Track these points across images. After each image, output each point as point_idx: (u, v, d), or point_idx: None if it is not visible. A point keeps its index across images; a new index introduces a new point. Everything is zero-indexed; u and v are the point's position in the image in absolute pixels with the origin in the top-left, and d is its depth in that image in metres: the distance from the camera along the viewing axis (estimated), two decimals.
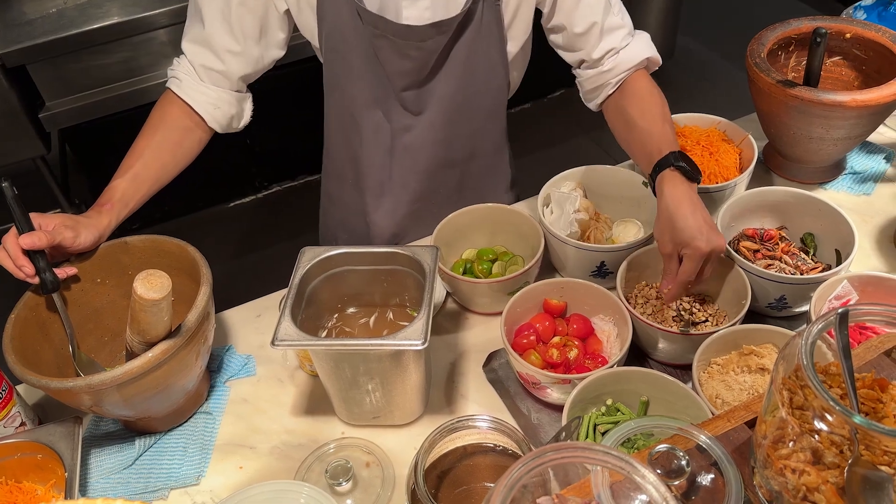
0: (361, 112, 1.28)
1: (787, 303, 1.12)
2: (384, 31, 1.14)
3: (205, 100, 1.20)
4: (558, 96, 3.49)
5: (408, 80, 1.22)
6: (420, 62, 1.19)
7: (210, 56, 1.18)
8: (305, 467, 1.04)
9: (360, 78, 1.23)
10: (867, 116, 1.20)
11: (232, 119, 1.26)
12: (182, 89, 1.19)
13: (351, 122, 1.30)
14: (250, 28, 1.17)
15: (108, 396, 0.95)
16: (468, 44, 1.18)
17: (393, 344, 0.93)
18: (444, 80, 1.22)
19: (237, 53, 1.18)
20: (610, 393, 1.01)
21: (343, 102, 1.29)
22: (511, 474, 0.57)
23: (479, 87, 1.25)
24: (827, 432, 0.62)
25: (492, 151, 1.39)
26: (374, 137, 1.30)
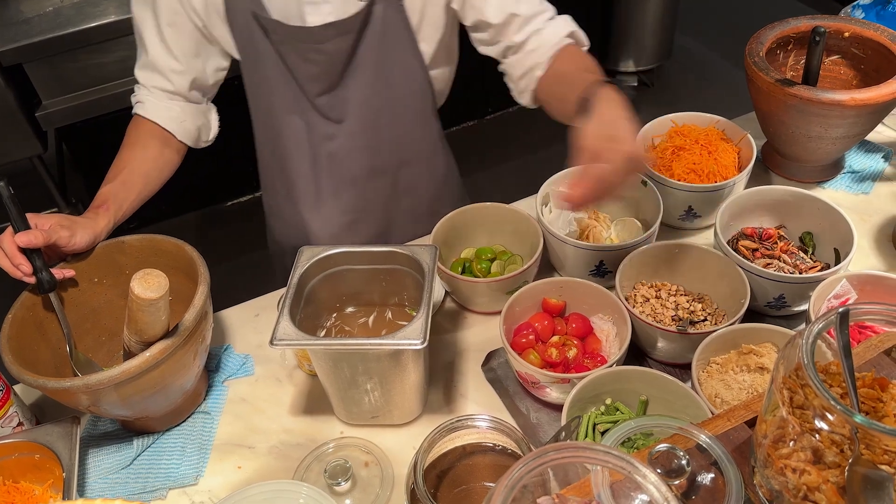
0: (282, 121, 1.28)
1: (786, 302, 1.12)
2: (283, 37, 1.15)
3: (169, 115, 1.24)
4: None
5: (319, 85, 1.21)
6: (325, 66, 1.18)
7: (159, 78, 1.22)
8: (304, 467, 1.03)
9: (276, 86, 1.23)
10: (866, 115, 1.20)
11: (200, 131, 1.29)
12: (146, 111, 1.24)
13: (274, 132, 1.30)
14: (185, 46, 1.20)
15: (106, 396, 0.95)
16: (374, 46, 1.17)
17: (392, 343, 0.93)
18: (358, 85, 1.21)
19: (181, 72, 1.22)
20: (609, 392, 1.01)
21: (264, 112, 1.29)
22: (512, 474, 0.56)
23: (397, 91, 1.24)
24: (827, 431, 0.62)
25: (426, 157, 1.38)
26: (298, 147, 1.30)
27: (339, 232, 1.39)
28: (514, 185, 1.39)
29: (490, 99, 3.33)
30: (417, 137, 1.34)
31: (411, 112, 1.29)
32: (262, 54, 1.19)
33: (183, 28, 1.18)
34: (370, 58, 1.18)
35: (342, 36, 1.14)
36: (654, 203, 1.22)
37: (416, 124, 1.32)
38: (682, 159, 1.29)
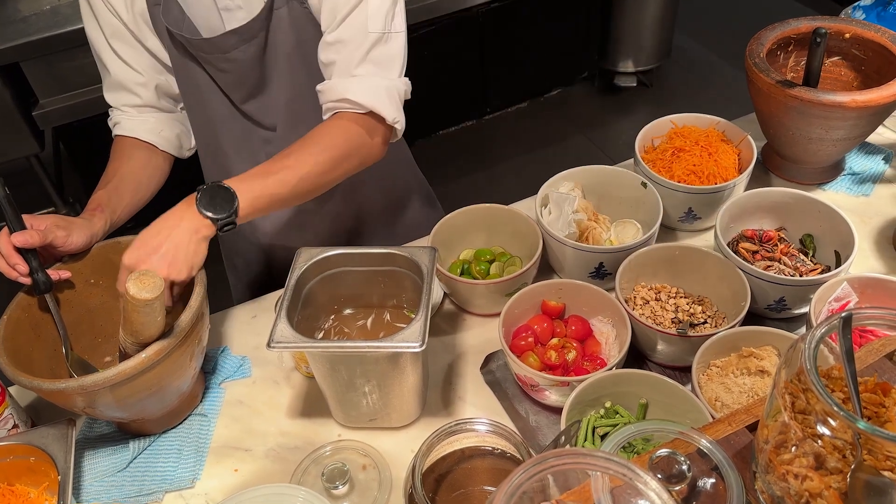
0: (219, 128, 1.26)
1: (787, 304, 1.11)
2: (195, 50, 1.14)
3: (147, 128, 1.23)
4: (555, 95, 3.49)
5: (240, 92, 1.20)
6: (239, 74, 1.16)
7: (127, 95, 1.22)
8: (301, 470, 1.03)
9: (207, 95, 1.21)
10: (867, 117, 1.20)
11: (180, 138, 1.29)
12: (123, 129, 1.23)
13: (213, 139, 1.29)
14: (141, 58, 1.19)
15: (102, 398, 0.94)
16: (286, 49, 1.15)
17: (390, 346, 0.92)
18: (280, 89, 1.19)
19: (144, 83, 1.21)
20: (609, 395, 1.00)
21: (201, 121, 1.28)
22: (512, 480, 0.56)
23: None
24: (830, 437, 0.61)
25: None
26: (238, 154, 1.28)
27: (289, 231, 1.36)
28: (513, 186, 1.38)
29: (489, 99, 3.33)
30: None
31: None
32: (189, 65, 1.18)
33: (127, 41, 1.17)
34: (284, 61, 1.16)
35: (247, 43, 1.12)
36: (654, 205, 1.21)
37: None
38: (682, 161, 1.29)
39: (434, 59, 2.90)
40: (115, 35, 1.16)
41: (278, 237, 1.38)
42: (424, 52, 2.86)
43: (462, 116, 3.35)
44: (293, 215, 1.35)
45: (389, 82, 1.11)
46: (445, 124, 3.31)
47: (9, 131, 2.27)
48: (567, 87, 3.52)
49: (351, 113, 1.10)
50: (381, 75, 1.10)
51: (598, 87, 3.50)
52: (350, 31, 1.08)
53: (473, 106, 3.34)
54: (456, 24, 2.84)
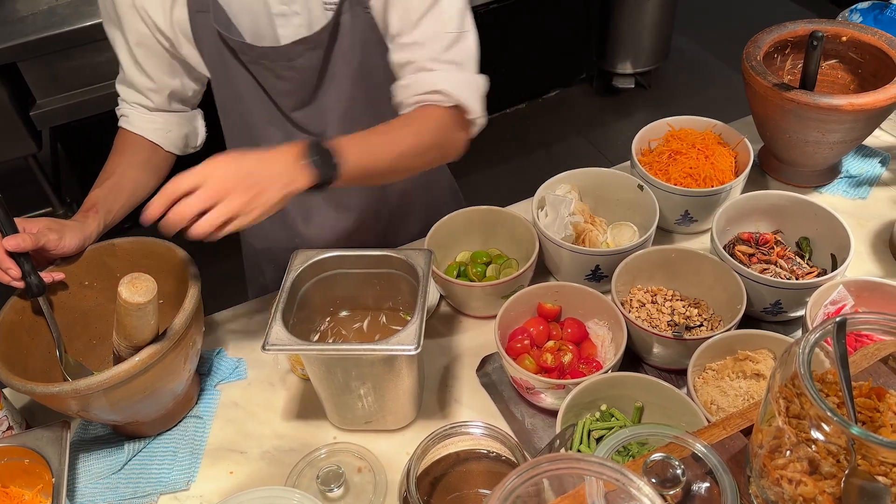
0: (260, 133, 1.25)
1: (783, 307, 1.11)
2: (252, 57, 1.12)
3: (153, 127, 1.23)
4: (553, 97, 3.49)
5: (292, 100, 1.19)
6: (298, 81, 1.15)
7: (137, 95, 1.21)
8: (297, 473, 1.02)
9: (251, 102, 1.20)
10: (863, 120, 1.20)
11: (187, 138, 1.28)
12: (131, 124, 1.22)
13: (253, 143, 1.27)
14: (157, 65, 1.18)
15: (95, 401, 0.94)
16: (346, 57, 1.14)
17: (386, 349, 0.92)
18: (334, 97, 1.18)
19: (157, 90, 1.20)
20: (604, 398, 1.00)
21: (238, 126, 1.27)
22: (506, 485, 0.56)
23: (376, 100, 1.19)
24: (824, 442, 0.61)
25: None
26: None
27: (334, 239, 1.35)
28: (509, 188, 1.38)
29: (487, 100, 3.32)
30: None
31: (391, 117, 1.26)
32: (232, 72, 1.17)
33: (152, 48, 1.15)
34: (344, 69, 1.15)
35: (312, 51, 1.11)
36: (651, 207, 1.21)
37: None
38: (679, 163, 1.29)
39: None
40: (140, 43, 1.14)
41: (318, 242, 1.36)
42: None
43: None
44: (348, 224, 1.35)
45: (472, 78, 1.11)
46: None
47: (6, 131, 2.26)
48: (565, 89, 3.52)
49: (438, 106, 1.08)
50: (464, 71, 1.10)
51: (596, 88, 3.50)
52: (427, 33, 1.07)
53: None
54: None
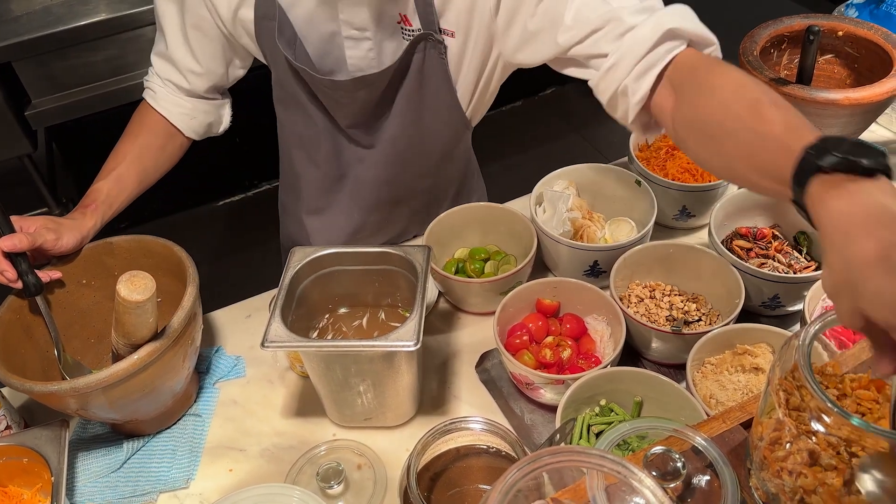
0: (311, 139, 1.24)
1: (781, 301, 1.11)
2: (310, 81, 1.11)
3: (180, 111, 1.21)
4: (549, 94, 3.49)
5: (350, 120, 1.18)
6: (356, 108, 1.15)
7: (176, 74, 1.19)
8: (296, 470, 1.02)
9: (308, 110, 1.19)
10: (860, 114, 1.20)
11: (210, 126, 1.27)
12: (157, 101, 1.20)
13: (300, 144, 1.28)
14: (210, 50, 1.16)
15: (94, 399, 0.94)
16: (409, 94, 1.13)
17: (385, 345, 0.92)
18: (391, 125, 1.18)
19: (200, 74, 1.18)
20: (604, 393, 1.00)
21: (293, 125, 1.26)
22: (507, 479, 0.56)
23: (428, 130, 1.19)
24: (824, 434, 0.61)
25: (448, 183, 1.35)
26: (326, 164, 1.27)
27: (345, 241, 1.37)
28: (508, 184, 1.37)
29: None
30: (443, 169, 1.31)
31: (441, 148, 1.26)
32: (292, 81, 1.15)
33: (209, 33, 1.13)
34: (404, 102, 1.14)
35: (373, 86, 1.10)
36: (649, 203, 1.21)
37: (445, 158, 1.29)
38: (677, 159, 1.29)
39: None
40: (197, 27, 1.12)
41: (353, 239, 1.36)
42: None
43: None
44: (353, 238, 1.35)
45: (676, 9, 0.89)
46: None
47: (1, 131, 2.26)
48: (561, 86, 3.51)
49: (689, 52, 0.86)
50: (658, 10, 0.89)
51: None
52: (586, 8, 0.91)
53: None
54: None
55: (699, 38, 0.88)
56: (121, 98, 2.28)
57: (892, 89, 1.17)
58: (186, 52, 1.16)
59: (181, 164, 1.30)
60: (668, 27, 0.85)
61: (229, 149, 2.88)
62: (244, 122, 1.78)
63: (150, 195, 1.24)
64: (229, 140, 1.40)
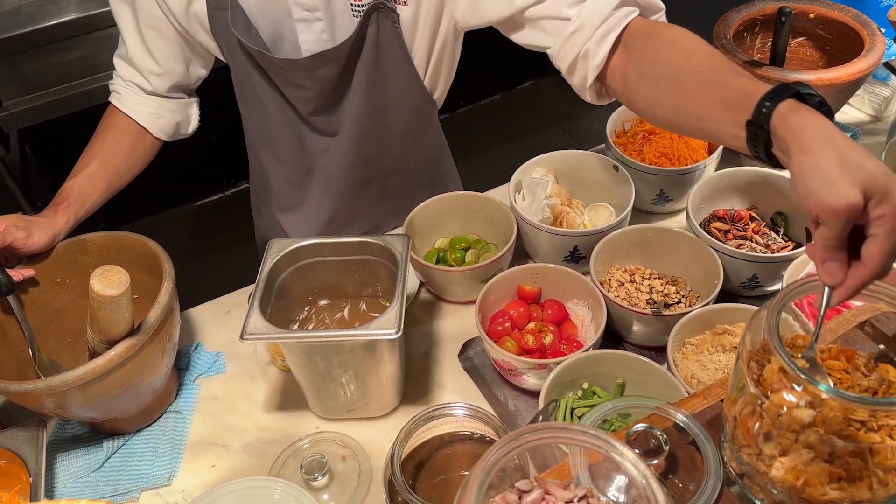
0: (274, 135, 1.23)
1: (759, 282, 1.12)
2: (270, 66, 1.11)
3: (146, 111, 1.20)
4: (527, 87, 3.49)
5: (311, 105, 1.17)
6: (316, 90, 1.14)
7: (136, 75, 1.19)
8: (280, 463, 1.01)
9: (267, 104, 1.19)
10: (833, 95, 1.21)
11: (178, 126, 1.26)
12: (122, 103, 1.20)
13: (262, 141, 1.27)
14: (168, 50, 1.16)
15: (72, 398, 0.92)
16: (367, 66, 1.12)
17: (366, 334, 0.91)
18: (351, 103, 1.17)
19: (160, 74, 1.18)
20: (586, 376, 1.00)
21: (255, 122, 1.25)
22: (489, 457, 0.55)
23: (391, 106, 1.19)
24: (793, 402, 0.62)
25: (419, 164, 1.34)
26: (291, 159, 1.26)
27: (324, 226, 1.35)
28: (487, 177, 1.37)
29: (462, 91, 3.32)
30: (411, 147, 1.30)
31: (405, 125, 1.25)
32: (250, 72, 1.14)
33: (165, 32, 1.13)
34: (363, 78, 1.13)
35: (332, 63, 1.10)
36: (626, 188, 1.21)
37: (411, 135, 1.28)
38: (653, 144, 1.29)
39: None
40: (151, 26, 1.12)
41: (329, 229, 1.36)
42: None
43: None
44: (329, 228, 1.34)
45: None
46: None
47: None
48: (539, 79, 3.52)
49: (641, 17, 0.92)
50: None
51: None
52: None
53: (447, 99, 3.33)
54: None
55: (649, 4, 0.94)
56: (95, 98, 2.24)
57: (864, 69, 1.18)
58: (145, 54, 1.16)
59: (159, 165, 1.29)
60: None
61: (207, 149, 2.86)
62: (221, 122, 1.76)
63: (128, 196, 1.23)
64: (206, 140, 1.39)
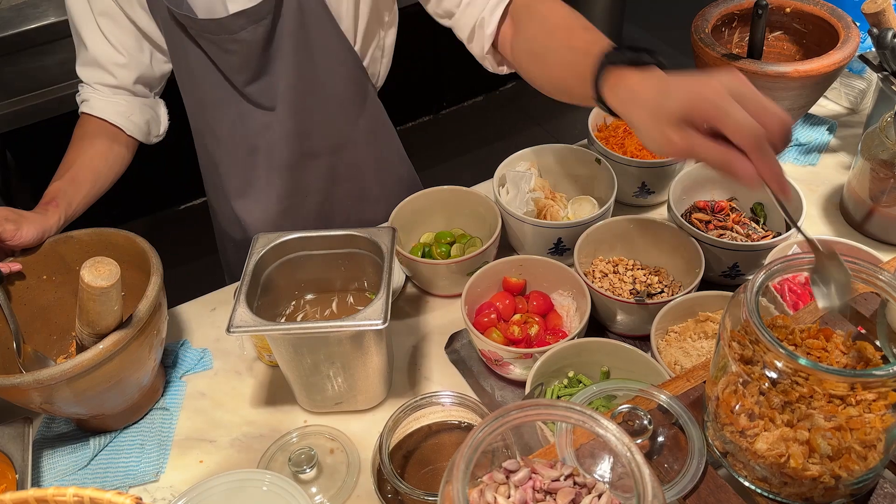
0: (214, 112, 1.24)
1: (741, 270, 1.14)
2: (198, 30, 1.12)
3: (116, 110, 1.21)
4: (509, 88, 3.51)
5: (244, 75, 1.17)
6: (244, 56, 1.14)
7: (102, 73, 1.19)
8: (268, 457, 1.02)
9: (204, 79, 1.19)
10: (810, 86, 1.23)
11: (149, 125, 1.26)
12: (92, 108, 1.20)
13: (206, 123, 1.27)
14: (125, 39, 1.17)
15: (59, 392, 0.92)
16: (292, 30, 1.12)
17: (352, 325, 0.92)
18: (283, 71, 1.17)
19: (124, 65, 1.19)
20: (571, 365, 1.01)
21: (194, 104, 1.26)
22: (475, 435, 0.56)
23: (323, 74, 1.19)
24: (777, 379, 0.63)
25: (364, 140, 1.33)
26: (232, 139, 1.27)
27: (276, 219, 1.35)
28: (471, 178, 1.38)
29: (445, 94, 3.34)
30: (352, 120, 1.29)
31: (341, 94, 1.25)
32: (185, 47, 1.15)
33: (117, 19, 1.14)
34: (290, 42, 1.14)
35: (256, 24, 1.10)
36: (609, 180, 1.23)
37: (349, 107, 1.27)
38: (634, 137, 1.31)
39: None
40: (104, 13, 1.13)
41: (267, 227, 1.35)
42: None
43: (419, 112, 3.36)
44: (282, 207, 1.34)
45: None
46: (402, 120, 3.31)
47: None
48: (521, 81, 3.53)
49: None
50: None
51: None
52: None
53: (430, 101, 3.34)
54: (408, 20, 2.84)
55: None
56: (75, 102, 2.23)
57: (840, 60, 1.20)
58: (106, 45, 1.16)
59: (142, 169, 1.28)
60: None
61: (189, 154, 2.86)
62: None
63: (113, 201, 1.23)
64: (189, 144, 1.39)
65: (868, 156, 1.18)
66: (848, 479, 0.64)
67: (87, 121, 1.21)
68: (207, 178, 1.41)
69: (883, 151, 1.15)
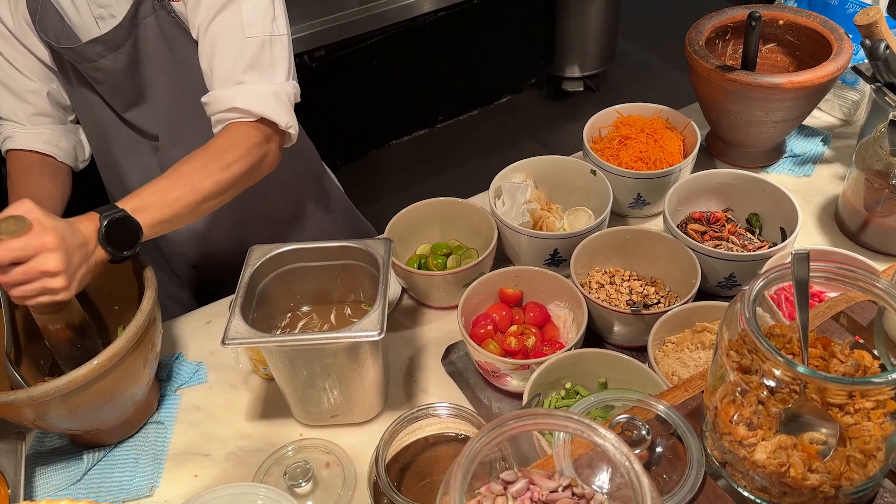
0: (108, 137, 1.23)
1: (737, 280, 1.14)
2: (68, 58, 1.11)
3: (42, 140, 1.19)
4: (505, 102, 3.53)
5: (120, 102, 1.17)
6: (113, 83, 1.14)
7: (18, 102, 1.17)
8: (263, 471, 1.01)
9: (92, 104, 1.18)
10: (804, 98, 1.24)
11: (76, 149, 1.25)
12: (18, 142, 1.18)
13: (105, 148, 1.26)
14: (31, 65, 1.15)
15: (53, 409, 0.91)
16: (156, 56, 1.12)
17: (348, 336, 0.91)
18: (158, 98, 1.16)
19: (35, 91, 1.17)
20: (568, 376, 1.01)
21: (91, 129, 1.25)
22: (472, 445, 0.56)
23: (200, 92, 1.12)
24: (775, 388, 0.63)
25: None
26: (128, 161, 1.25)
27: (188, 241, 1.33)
28: (467, 191, 1.38)
29: (441, 107, 3.35)
30: None
31: None
32: (69, 78, 1.15)
33: (17, 47, 1.13)
34: (159, 70, 1.13)
35: (114, 52, 1.09)
36: (604, 191, 1.23)
37: None
38: (629, 148, 1.31)
39: (384, 69, 2.91)
40: (3, 41, 1.12)
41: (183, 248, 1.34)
42: (374, 63, 2.87)
43: (415, 125, 3.37)
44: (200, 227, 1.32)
45: (277, 87, 1.06)
46: (399, 134, 3.32)
47: None
48: (516, 94, 3.56)
49: (243, 123, 1.05)
50: (266, 81, 1.06)
51: (546, 92, 3.55)
52: (225, 38, 1.03)
53: (426, 115, 3.35)
54: (404, 34, 2.85)
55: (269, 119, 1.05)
56: None
57: (832, 72, 1.21)
58: (13, 72, 1.14)
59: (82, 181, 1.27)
60: (235, 105, 1.04)
61: None
62: None
63: None
64: None
65: (862, 166, 1.18)
66: (848, 489, 0.63)
67: (18, 157, 1.18)
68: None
69: (877, 162, 1.16)
